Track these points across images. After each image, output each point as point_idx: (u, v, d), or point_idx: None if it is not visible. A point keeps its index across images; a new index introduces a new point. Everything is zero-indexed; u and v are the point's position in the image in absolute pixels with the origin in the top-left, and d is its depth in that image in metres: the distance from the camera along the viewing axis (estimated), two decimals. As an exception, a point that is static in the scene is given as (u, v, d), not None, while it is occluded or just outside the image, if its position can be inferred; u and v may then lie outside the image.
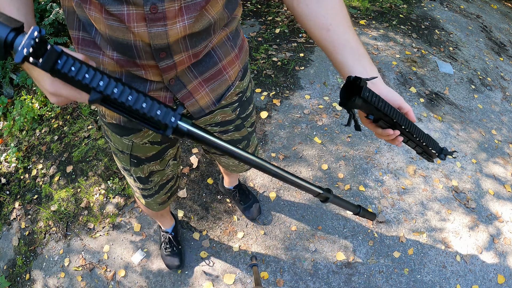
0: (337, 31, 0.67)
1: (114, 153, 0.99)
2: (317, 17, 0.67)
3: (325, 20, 0.67)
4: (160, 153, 0.98)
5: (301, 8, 0.68)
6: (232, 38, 0.79)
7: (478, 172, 2.14)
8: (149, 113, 0.47)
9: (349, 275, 1.68)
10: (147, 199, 1.14)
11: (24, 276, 1.79)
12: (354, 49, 0.66)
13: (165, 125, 0.48)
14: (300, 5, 0.68)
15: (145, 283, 1.67)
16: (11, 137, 2.42)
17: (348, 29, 0.67)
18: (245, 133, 1.08)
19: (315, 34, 0.69)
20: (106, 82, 0.46)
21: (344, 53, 0.66)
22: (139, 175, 1.01)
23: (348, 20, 0.68)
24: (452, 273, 1.72)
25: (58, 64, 0.44)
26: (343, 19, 0.68)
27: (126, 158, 0.95)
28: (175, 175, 1.16)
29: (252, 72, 2.62)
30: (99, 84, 0.45)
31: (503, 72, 3.00)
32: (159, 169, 1.03)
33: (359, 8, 3.45)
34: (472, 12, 3.76)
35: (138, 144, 0.90)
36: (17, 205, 2.05)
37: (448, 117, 2.45)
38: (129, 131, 0.86)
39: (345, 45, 0.66)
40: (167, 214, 1.60)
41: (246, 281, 1.66)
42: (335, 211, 1.88)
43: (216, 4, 0.65)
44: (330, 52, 0.68)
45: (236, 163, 1.24)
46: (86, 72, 0.45)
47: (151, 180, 1.05)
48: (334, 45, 0.66)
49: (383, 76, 2.66)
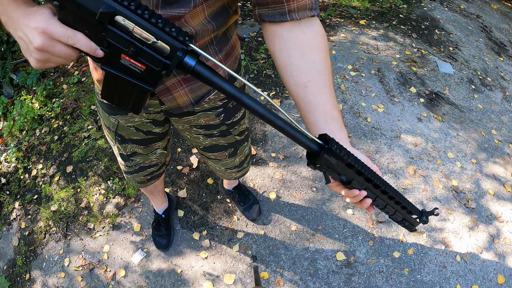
0: (314, 91, 0.63)
1: (103, 127, 1.06)
2: (297, 71, 0.63)
3: (304, 77, 0.63)
4: (145, 141, 1.03)
5: (283, 58, 0.64)
6: (217, 43, 0.76)
7: (478, 172, 2.14)
8: (165, 28, 0.45)
9: (349, 275, 1.68)
10: (127, 175, 1.21)
11: (24, 276, 1.79)
12: (327, 112, 0.63)
13: (175, 47, 0.46)
14: (283, 53, 0.64)
15: (145, 283, 1.67)
16: (11, 137, 2.42)
17: (326, 90, 0.64)
18: (232, 140, 1.08)
19: (290, 88, 0.65)
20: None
21: (316, 114, 0.63)
22: (121, 152, 1.08)
23: (328, 79, 0.65)
24: (452, 273, 1.72)
25: None
26: (323, 78, 0.64)
27: (112, 135, 1.02)
28: (159, 163, 1.20)
29: (252, 72, 2.62)
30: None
31: (503, 72, 3.00)
32: (142, 153, 1.08)
33: (359, 8, 3.45)
34: (472, 12, 3.76)
35: (122, 125, 0.96)
36: (17, 205, 2.05)
37: (448, 117, 2.45)
38: (117, 111, 0.92)
39: (318, 106, 0.63)
40: (159, 194, 1.61)
41: (246, 281, 1.66)
42: (335, 211, 1.88)
43: (196, 16, 0.64)
44: (303, 109, 0.64)
45: (223, 169, 1.25)
46: None
47: (132, 159, 1.11)
48: (308, 104, 0.63)
49: (383, 76, 2.67)
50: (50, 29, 0.45)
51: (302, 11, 0.61)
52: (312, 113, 0.63)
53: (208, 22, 0.67)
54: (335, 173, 0.57)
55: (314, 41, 0.63)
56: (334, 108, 0.64)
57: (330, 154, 0.54)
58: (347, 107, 2.40)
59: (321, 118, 0.63)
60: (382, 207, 0.64)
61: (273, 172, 2.03)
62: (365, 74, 2.66)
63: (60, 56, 0.48)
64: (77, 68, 2.83)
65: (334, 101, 0.64)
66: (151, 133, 1.00)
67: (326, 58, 0.65)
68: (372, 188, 0.61)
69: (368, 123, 2.31)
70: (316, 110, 0.63)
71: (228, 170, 1.25)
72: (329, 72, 0.65)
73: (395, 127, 2.32)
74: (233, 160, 1.19)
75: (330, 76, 0.65)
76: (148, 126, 0.97)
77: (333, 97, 0.65)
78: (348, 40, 2.98)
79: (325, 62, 0.64)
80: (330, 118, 0.63)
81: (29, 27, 0.46)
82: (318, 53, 0.63)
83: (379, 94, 2.52)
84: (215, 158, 1.16)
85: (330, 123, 0.62)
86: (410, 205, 0.67)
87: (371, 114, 2.37)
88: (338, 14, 3.32)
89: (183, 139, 2.20)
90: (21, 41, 0.49)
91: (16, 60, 2.86)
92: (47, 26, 0.45)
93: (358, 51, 2.86)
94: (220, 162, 1.19)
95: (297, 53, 0.62)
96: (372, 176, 0.58)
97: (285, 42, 0.63)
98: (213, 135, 1.03)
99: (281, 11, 0.61)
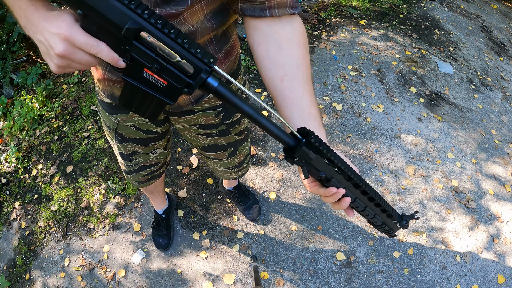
0: (291, 85, 0.61)
1: (104, 126, 1.06)
2: (274, 65, 0.62)
3: (281, 70, 0.61)
4: (145, 141, 1.03)
5: (261, 51, 0.63)
6: (217, 42, 0.76)
7: (478, 172, 2.14)
8: (190, 49, 0.45)
9: (349, 275, 1.68)
10: (127, 174, 1.21)
11: (24, 276, 1.79)
12: (304, 108, 0.61)
13: (200, 69, 0.46)
14: (261, 47, 0.63)
15: (145, 283, 1.67)
16: (11, 137, 2.42)
17: (304, 85, 0.62)
18: (231, 140, 1.08)
19: (267, 82, 0.64)
20: (151, 12, 0.43)
21: (293, 110, 0.61)
22: (121, 151, 1.07)
23: (307, 75, 0.63)
24: (452, 273, 1.72)
25: None
26: (301, 72, 0.62)
27: (112, 134, 1.02)
28: (159, 163, 1.20)
29: (252, 72, 2.62)
30: (144, 12, 0.43)
31: (503, 72, 3.00)
32: (142, 152, 1.08)
33: (359, 8, 3.45)
34: (472, 12, 3.76)
35: (122, 124, 0.96)
36: (17, 205, 2.05)
37: (448, 117, 2.45)
38: (117, 110, 0.92)
39: (295, 102, 0.61)
40: (159, 194, 1.61)
41: (246, 281, 1.66)
42: (335, 211, 1.88)
43: (196, 14, 0.64)
44: (279, 104, 0.62)
45: (222, 169, 1.25)
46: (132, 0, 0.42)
47: (132, 159, 1.11)
48: (284, 98, 0.61)
49: (383, 76, 2.67)
50: (73, 36, 0.45)
51: (282, 8, 0.62)
52: (288, 108, 0.61)
53: (207, 21, 0.68)
54: (314, 169, 0.54)
55: (293, 37, 0.63)
56: (312, 105, 0.62)
57: (309, 148, 0.52)
58: (347, 107, 2.40)
59: (298, 114, 0.61)
60: (362, 209, 0.61)
61: (273, 172, 2.03)
62: (365, 74, 2.66)
63: (80, 63, 0.48)
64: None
65: (313, 98, 0.63)
66: (151, 132, 1.00)
67: (305, 54, 0.64)
68: (352, 188, 0.58)
69: (368, 123, 2.31)
70: (292, 105, 0.61)
71: (227, 170, 1.25)
72: (307, 68, 0.64)
73: (395, 127, 2.32)
74: (232, 160, 1.19)
75: (308, 72, 0.64)
76: (148, 125, 0.97)
77: (311, 93, 0.63)
78: (348, 40, 2.98)
79: (303, 57, 0.63)
80: (307, 114, 0.61)
81: (50, 32, 0.46)
82: (296, 48, 0.63)
83: (379, 94, 2.52)
84: (214, 158, 1.17)
85: (307, 120, 0.60)
86: (390, 208, 0.64)
87: (371, 114, 2.37)
88: (338, 14, 3.32)
89: (183, 139, 2.20)
90: (41, 45, 0.49)
91: (16, 60, 2.86)
92: (69, 33, 0.45)
93: (358, 51, 2.86)
94: (220, 162, 1.19)
95: (275, 47, 0.62)
96: (352, 174, 0.56)
97: (264, 36, 0.63)
98: (212, 134, 1.03)
99: (262, 7, 0.61)
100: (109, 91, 0.85)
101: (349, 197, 0.58)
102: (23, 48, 2.91)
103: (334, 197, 0.57)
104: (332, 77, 2.60)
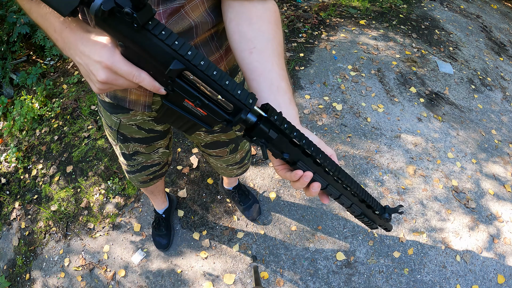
0: (259, 57, 0.60)
1: (105, 127, 1.04)
2: (244, 38, 0.62)
3: (250, 43, 0.61)
4: (147, 140, 1.03)
5: (232, 26, 0.63)
6: (217, 39, 0.77)
7: (478, 172, 2.14)
8: (232, 91, 0.45)
9: (349, 275, 1.68)
10: (129, 175, 1.21)
11: (24, 276, 1.79)
12: (273, 80, 0.59)
13: (240, 108, 0.46)
14: (232, 23, 0.63)
15: (145, 283, 1.67)
16: (11, 137, 2.42)
17: (274, 59, 0.60)
18: (232, 136, 1.09)
19: (237, 55, 0.63)
20: (195, 53, 0.44)
21: (260, 82, 0.59)
22: (123, 151, 1.07)
23: (277, 50, 0.62)
24: (452, 273, 1.72)
25: (149, 24, 0.41)
26: (271, 46, 0.61)
27: (114, 134, 1.01)
28: (162, 162, 1.20)
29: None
30: (187, 53, 0.43)
31: (503, 72, 3.00)
32: (144, 152, 1.08)
33: (359, 8, 3.45)
34: (472, 12, 3.76)
35: (124, 123, 0.95)
36: (17, 205, 2.05)
37: (448, 117, 2.45)
38: (118, 110, 0.90)
39: (263, 74, 0.59)
40: (159, 194, 1.61)
41: (246, 281, 1.66)
42: (335, 211, 1.88)
43: (197, 8, 0.66)
44: (248, 77, 0.61)
45: (224, 166, 1.26)
46: (176, 40, 0.43)
47: (134, 159, 1.10)
48: (253, 71, 0.60)
49: (383, 76, 2.66)
50: (115, 66, 0.47)
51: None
52: (256, 80, 0.59)
53: (208, 15, 0.69)
54: (277, 150, 0.51)
55: (264, 14, 0.63)
56: (282, 79, 0.60)
57: (268, 126, 0.49)
58: (347, 107, 2.40)
59: (266, 86, 0.58)
60: (336, 196, 0.58)
61: (273, 172, 2.03)
62: (365, 74, 2.66)
63: (122, 87, 0.51)
64: (77, 68, 2.83)
65: (283, 73, 0.61)
66: (153, 131, 1.00)
67: (276, 30, 0.63)
68: (323, 173, 0.54)
69: (368, 123, 2.31)
70: (260, 77, 0.59)
71: (229, 167, 1.26)
72: (278, 44, 0.62)
73: (395, 127, 2.32)
74: (234, 156, 1.20)
75: (279, 48, 0.62)
76: (150, 124, 0.97)
77: (282, 68, 0.61)
78: (348, 40, 2.98)
79: (274, 33, 0.62)
80: (276, 88, 0.58)
81: (91, 59, 0.48)
82: (267, 24, 0.62)
83: (379, 94, 2.52)
84: (216, 155, 1.17)
85: (276, 94, 0.58)
86: (371, 199, 0.60)
87: (371, 114, 2.37)
88: (338, 14, 3.32)
89: (183, 139, 2.20)
90: (80, 67, 0.51)
91: (16, 60, 2.86)
92: (111, 62, 0.46)
93: (358, 51, 2.86)
94: (222, 159, 1.20)
95: (246, 23, 0.62)
96: (321, 159, 0.52)
97: (236, 13, 0.63)
98: (214, 131, 1.03)
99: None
100: (112, 92, 0.85)
101: (318, 183, 0.54)
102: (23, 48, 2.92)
103: (302, 182, 0.53)
104: (332, 77, 2.60)
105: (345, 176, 0.55)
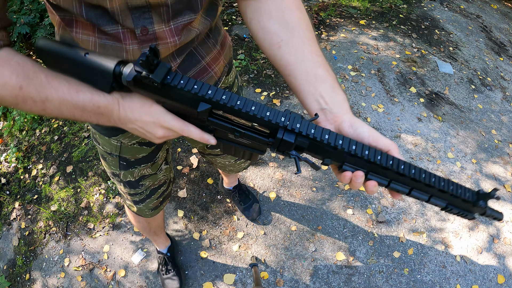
0: (288, 49, 0.56)
1: (103, 157, 0.94)
2: (268, 33, 0.59)
3: (276, 36, 0.58)
4: (151, 156, 0.95)
5: (254, 25, 0.61)
6: (213, 36, 0.77)
7: (478, 172, 2.14)
8: (259, 114, 0.46)
9: (349, 275, 1.68)
10: (139, 205, 1.09)
11: (24, 276, 1.79)
12: (308, 70, 0.54)
13: (274, 127, 0.47)
14: (253, 21, 0.61)
15: (145, 283, 1.67)
16: (11, 137, 2.42)
17: (303, 46, 0.56)
18: None
19: (268, 54, 0.60)
20: (214, 90, 0.47)
21: (296, 75, 0.55)
22: (129, 179, 0.97)
23: (306, 36, 0.58)
24: (452, 273, 1.72)
25: (167, 79, 0.46)
26: (298, 33, 0.57)
27: (115, 161, 0.91)
28: (167, 180, 1.12)
29: (252, 72, 2.62)
30: (207, 93, 0.46)
31: (503, 72, 3.00)
32: (150, 173, 1.00)
33: (359, 8, 3.45)
34: (472, 12, 3.76)
35: (126, 145, 0.87)
36: (17, 205, 2.05)
37: (448, 117, 2.45)
38: (117, 131, 0.83)
39: (296, 66, 0.55)
40: (161, 232, 1.54)
41: (246, 281, 1.66)
42: (335, 211, 1.88)
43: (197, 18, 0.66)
44: (284, 74, 0.58)
45: (232, 162, 1.23)
46: (194, 84, 0.47)
47: (142, 184, 1.01)
48: (286, 66, 0.57)
49: (383, 76, 2.67)
50: (167, 123, 0.53)
51: None
52: (291, 75, 0.56)
53: (205, 19, 0.69)
54: (319, 157, 0.49)
55: (282, 3, 0.60)
56: (318, 66, 0.55)
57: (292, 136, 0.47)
58: (347, 107, 2.40)
59: (302, 79, 0.54)
60: (405, 192, 0.51)
61: (273, 172, 2.03)
62: (365, 74, 2.66)
63: (176, 137, 0.59)
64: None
65: (319, 59, 0.56)
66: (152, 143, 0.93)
67: (299, 15, 0.60)
68: (380, 170, 0.49)
69: (368, 123, 2.31)
70: (295, 71, 0.55)
71: (238, 161, 1.22)
72: (306, 29, 0.59)
73: (395, 127, 2.32)
74: None
75: (307, 33, 0.58)
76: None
77: (316, 55, 0.57)
78: (348, 40, 2.98)
79: (298, 19, 0.59)
80: (313, 77, 0.54)
81: (144, 121, 0.54)
82: (288, 12, 0.59)
83: (379, 94, 2.52)
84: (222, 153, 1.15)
85: (314, 84, 0.53)
86: (455, 187, 0.51)
87: (371, 114, 2.37)
88: (338, 14, 3.32)
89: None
90: (134, 131, 0.58)
91: (16, 60, 2.85)
92: (163, 121, 0.53)
93: (358, 51, 2.86)
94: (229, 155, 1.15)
95: (266, 16, 0.60)
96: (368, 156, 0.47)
97: (255, 10, 0.62)
98: None
99: None
100: None
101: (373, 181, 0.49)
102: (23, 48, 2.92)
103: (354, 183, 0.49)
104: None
105: (408, 169, 0.48)
